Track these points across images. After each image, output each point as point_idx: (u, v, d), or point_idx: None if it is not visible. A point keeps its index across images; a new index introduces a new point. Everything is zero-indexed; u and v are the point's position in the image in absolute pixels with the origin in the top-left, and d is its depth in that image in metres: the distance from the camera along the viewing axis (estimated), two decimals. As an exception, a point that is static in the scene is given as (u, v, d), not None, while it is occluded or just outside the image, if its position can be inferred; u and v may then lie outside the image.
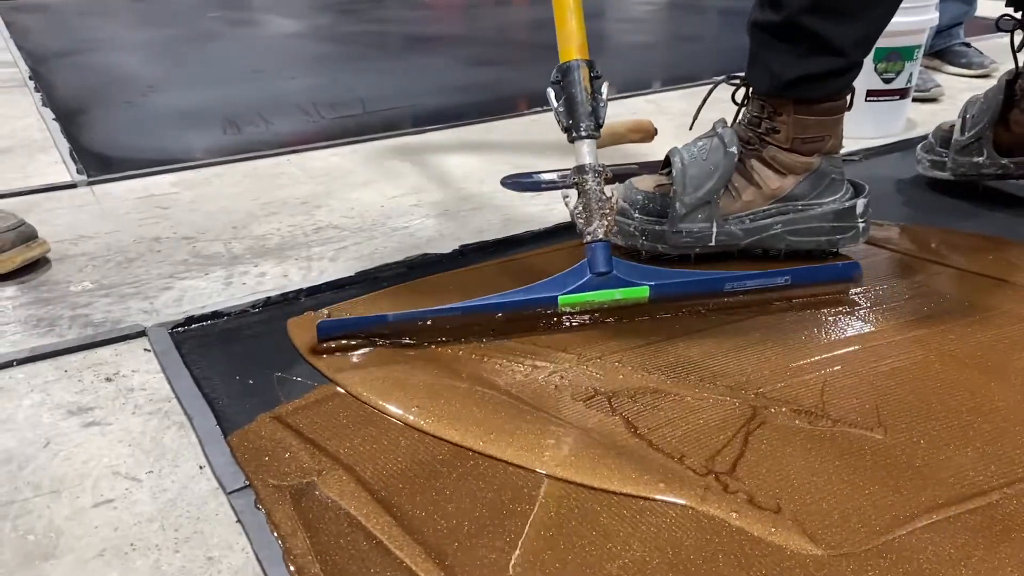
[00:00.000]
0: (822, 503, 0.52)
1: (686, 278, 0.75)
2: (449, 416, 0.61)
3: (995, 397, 0.62)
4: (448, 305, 0.68)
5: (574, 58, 0.74)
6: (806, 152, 0.82)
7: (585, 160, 0.73)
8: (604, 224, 0.72)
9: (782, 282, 0.76)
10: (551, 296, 0.71)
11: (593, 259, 0.71)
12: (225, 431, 0.60)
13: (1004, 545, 0.48)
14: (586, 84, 0.74)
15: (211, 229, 0.96)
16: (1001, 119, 0.97)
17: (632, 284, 0.71)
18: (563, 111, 0.74)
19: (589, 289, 0.71)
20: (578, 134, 0.73)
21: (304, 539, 0.50)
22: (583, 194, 0.73)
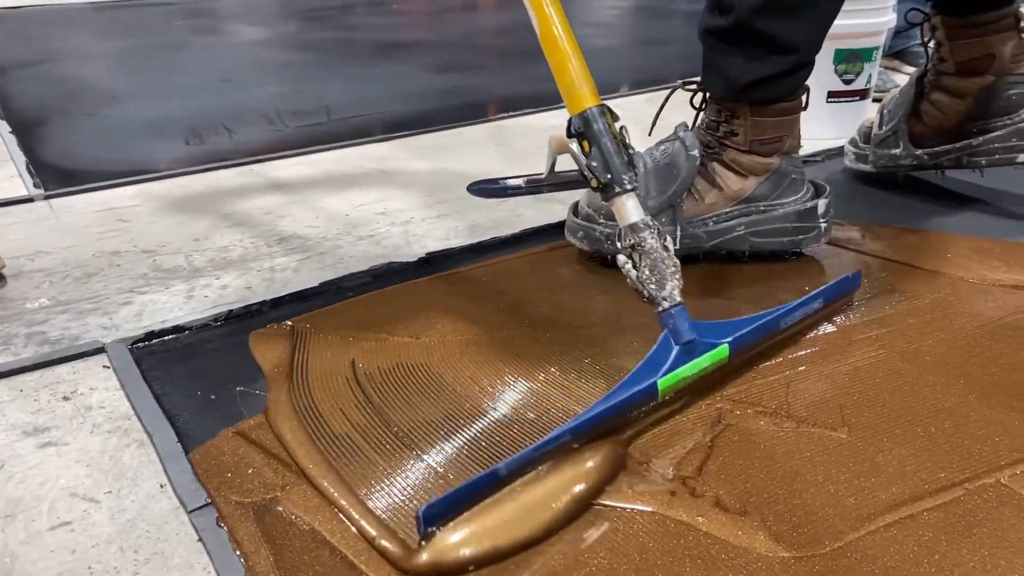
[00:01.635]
0: (787, 504, 0.52)
1: (751, 325, 0.66)
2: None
3: (956, 394, 0.63)
4: (556, 433, 0.54)
5: (593, 105, 0.65)
6: (765, 153, 0.83)
7: (634, 217, 0.64)
8: (676, 283, 0.62)
9: (818, 306, 0.72)
10: (651, 384, 0.59)
11: (676, 328, 0.61)
12: (187, 448, 0.59)
13: (967, 540, 0.49)
14: (614, 131, 0.65)
15: (172, 242, 0.95)
16: (914, 112, 1.00)
17: (713, 345, 0.62)
18: (597, 166, 0.65)
19: (680, 364, 0.61)
20: (621, 188, 0.64)
21: (268, 556, 0.49)
22: (645, 255, 0.63)
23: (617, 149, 0.65)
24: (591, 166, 0.65)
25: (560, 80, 0.67)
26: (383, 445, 0.59)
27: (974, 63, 0.93)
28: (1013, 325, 0.73)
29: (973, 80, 0.94)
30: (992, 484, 0.53)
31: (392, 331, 0.74)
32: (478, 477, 0.51)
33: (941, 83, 0.97)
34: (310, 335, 0.74)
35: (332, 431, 0.60)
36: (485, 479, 0.51)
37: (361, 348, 0.71)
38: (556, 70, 0.67)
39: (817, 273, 0.84)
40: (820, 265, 0.86)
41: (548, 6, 0.67)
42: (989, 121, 0.94)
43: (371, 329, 0.74)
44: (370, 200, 1.06)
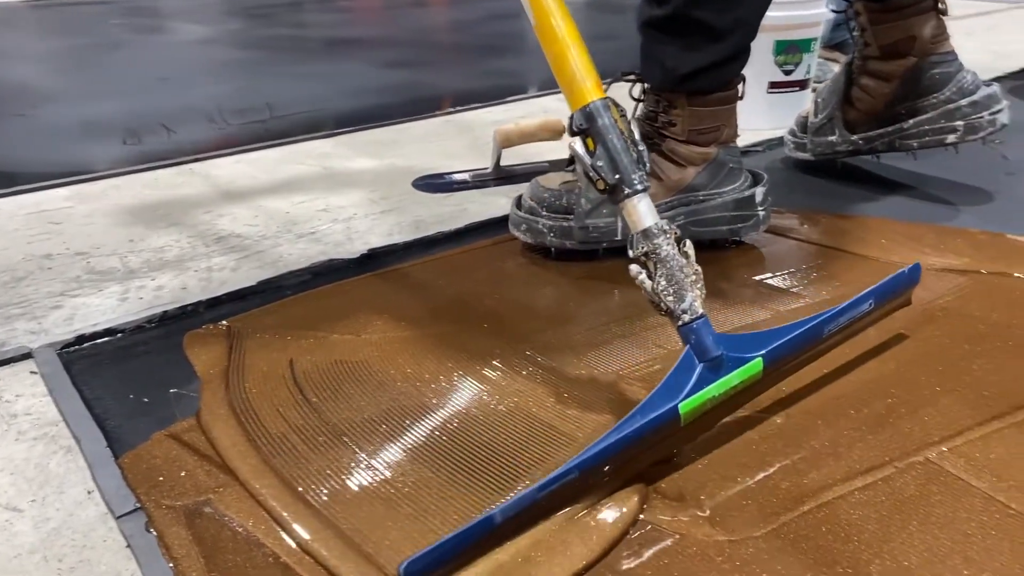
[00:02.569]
0: (724, 488, 0.53)
1: (790, 335, 0.57)
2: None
3: (888, 375, 0.64)
4: (561, 470, 0.48)
5: (596, 98, 0.59)
6: (703, 143, 0.84)
7: (648, 221, 0.57)
8: (699, 293, 0.56)
9: (868, 307, 0.63)
10: (671, 408, 0.52)
11: (700, 344, 0.54)
12: (117, 453, 0.57)
13: (896, 517, 0.50)
14: (622, 126, 0.59)
15: (106, 243, 0.92)
16: (846, 99, 1.03)
17: (743, 360, 0.55)
18: (603, 166, 0.58)
19: (706, 383, 0.53)
20: (632, 190, 0.58)
21: (198, 560, 0.48)
22: (661, 263, 0.56)
23: (625, 146, 0.59)
24: (596, 166, 0.59)
25: (559, 73, 0.61)
26: (320, 444, 0.58)
27: (896, 45, 0.96)
28: (943, 307, 0.74)
29: (897, 62, 0.97)
30: (921, 462, 0.55)
31: (332, 329, 0.73)
32: (469, 525, 0.44)
33: (868, 67, 1.00)
34: (247, 335, 0.72)
35: (268, 431, 0.59)
36: (478, 527, 0.45)
37: (299, 347, 0.70)
38: (554, 62, 0.61)
39: (757, 261, 0.86)
40: (759, 253, 0.87)
41: None
42: (916, 102, 0.97)
43: (310, 327, 0.73)
44: (311, 197, 1.05)
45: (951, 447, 0.56)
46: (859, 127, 1.02)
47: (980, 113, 0.94)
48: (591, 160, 0.59)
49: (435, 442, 0.58)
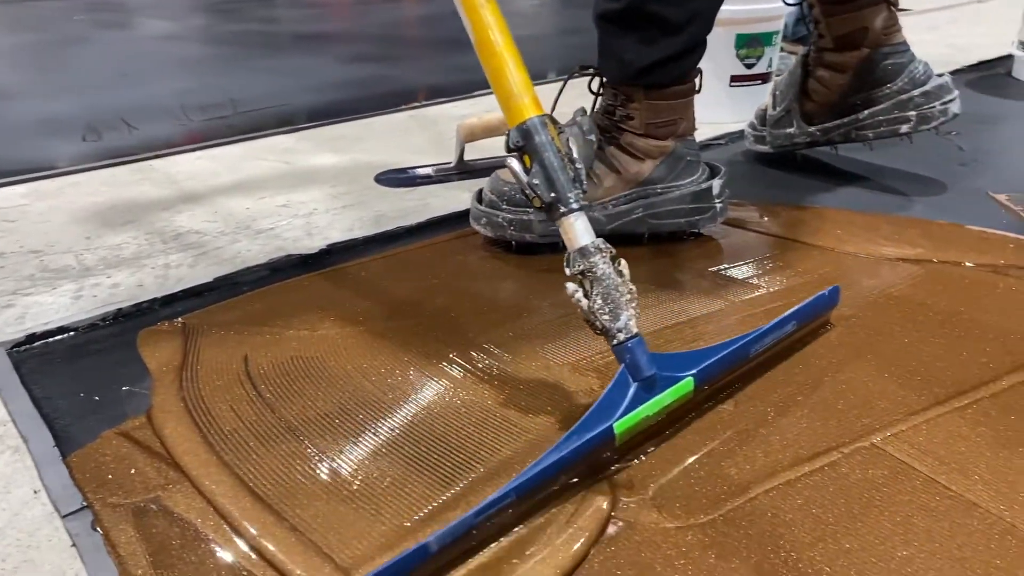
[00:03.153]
0: (672, 476, 0.53)
1: (718, 354, 0.59)
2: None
3: (839, 363, 0.65)
4: (498, 494, 0.47)
5: (534, 115, 0.59)
6: (660, 136, 0.84)
7: (584, 240, 0.57)
8: (634, 312, 0.56)
9: (791, 328, 0.65)
10: (606, 428, 0.52)
11: (634, 363, 0.54)
12: (65, 452, 0.57)
13: (839, 501, 0.51)
14: (558, 144, 0.59)
15: (62, 241, 0.91)
16: (803, 90, 1.04)
17: (676, 379, 0.56)
18: (539, 184, 0.58)
19: (640, 403, 0.54)
20: (568, 208, 0.58)
21: (144, 557, 0.48)
22: (597, 282, 0.56)
23: (562, 164, 0.58)
24: (533, 184, 0.58)
25: (497, 88, 0.61)
26: (273, 440, 0.58)
27: (850, 37, 0.97)
28: (895, 296, 0.76)
29: (851, 54, 0.98)
30: (867, 447, 0.56)
31: (288, 325, 0.73)
32: (402, 555, 0.43)
33: (823, 59, 1.01)
34: (202, 332, 0.72)
35: (220, 428, 0.59)
36: (413, 555, 0.43)
37: (254, 343, 0.70)
38: (492, 77, 0.61)
39: (714, 252, 0.86)
40: (717, 244, 0.88)
41: (483, 8, 0.61)
42: (871, 93, 0.98)
43: (266, 323, 0.73)
44: (272, 193, 1.04)
45: (896, 432, 0.57)
46: (816, 119, 1.03)
47: (932, 103, 0.96)
48: (527, 178, 0.59)
49: (390, 437, 0.58)
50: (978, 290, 0.76)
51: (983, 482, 0.52)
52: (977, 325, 0.70)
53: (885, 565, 0.46)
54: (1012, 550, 0.47)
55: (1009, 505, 0.50)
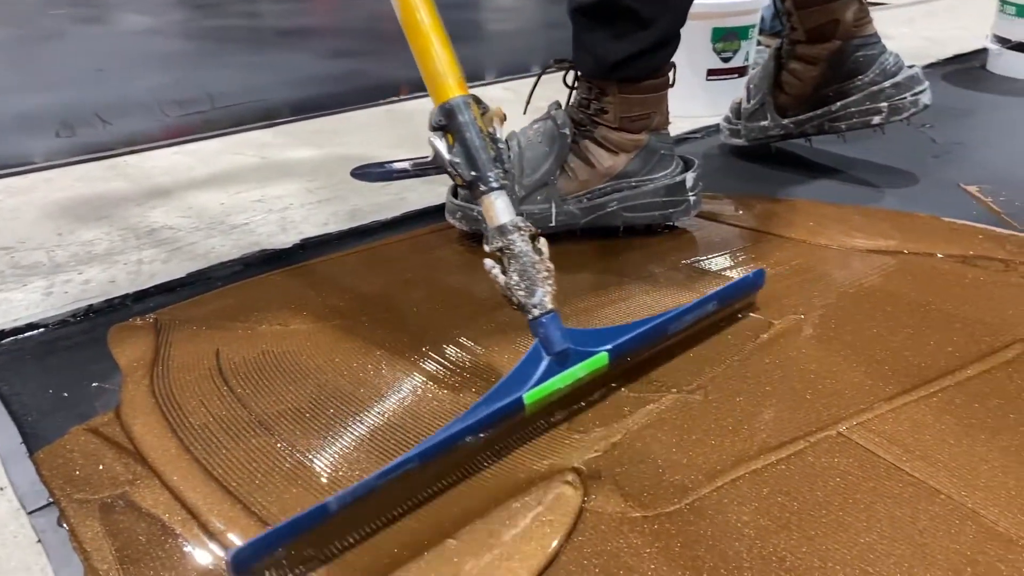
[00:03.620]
0: (640, 465, 0.54)
1: (635, 331, 0.61)
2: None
3: (807, 353, 0.66)
4: (400, 459, 0.48)
5: (456, 95, 0.61)
6: (634, 130, 0.85)
7: (503, 218, 0.59)
8: (548, 289, 0.57)
9: (712, 308, 0.67)
10: (516, 399, 0.54)
11: (548, 336, 0.56)
12: (32, 448, 0.56)
13: (804, 489, 0.51)
14: (480, 124, 0.61)
15: (33, 237, 0.90)
16: (776, 83, 1.05)
17: (589, 353, 0.58)
18: (460, 162, 0.60)
19: (552, 375, 0.56)
20: (487, 187, 0.59)
21: (110, 552, 0.47)
22: (514, 259, 0.57)
23: (483, 144, 0.60)
24: (454, 162, 0.60)
25: (423, 68, 0.62)
26: (243, 434, 0.58)
27: (821, 29, 0.98)
28: (866, 287, 0.76)
29: (823, 46, 0.99)
30: (833, 436, 0.56)
31: (261, 320, 0.72)
32: (303, 513, 0.44)
33: (796, 52, 1.02)
34: (173, 327, 0.71)
35: (190, 422, 0.59)
36: (312, 515, 0.45)
37: (226, 338, 0.69)
38: (419, 57, 0.62)
39: (688, 245, 0.87)
40: (692, 237, 0.89)
41: None
42: (843, 85, 0.99)
43: (239, 319, 0.73)
44: (248, 188, 1.04)
45: (862, 421, 0.57)
46: (790, 111, 1.04)
47: (903, 94, 0.96)
48: (449, 156, 0.60)
49: (361, 432, 0.58)
50: (947, 281, 0.77)
51: (946, 469, 0.53)
52: (945, 315, 0.71)
53: (848, 551, 0.46)
54: (972, 536, 0.47)
55: (971, 492, 0.51)
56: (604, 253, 0.85)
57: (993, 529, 0.48)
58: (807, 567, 0.45)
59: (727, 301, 0.69)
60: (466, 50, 2.12)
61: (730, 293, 0.69)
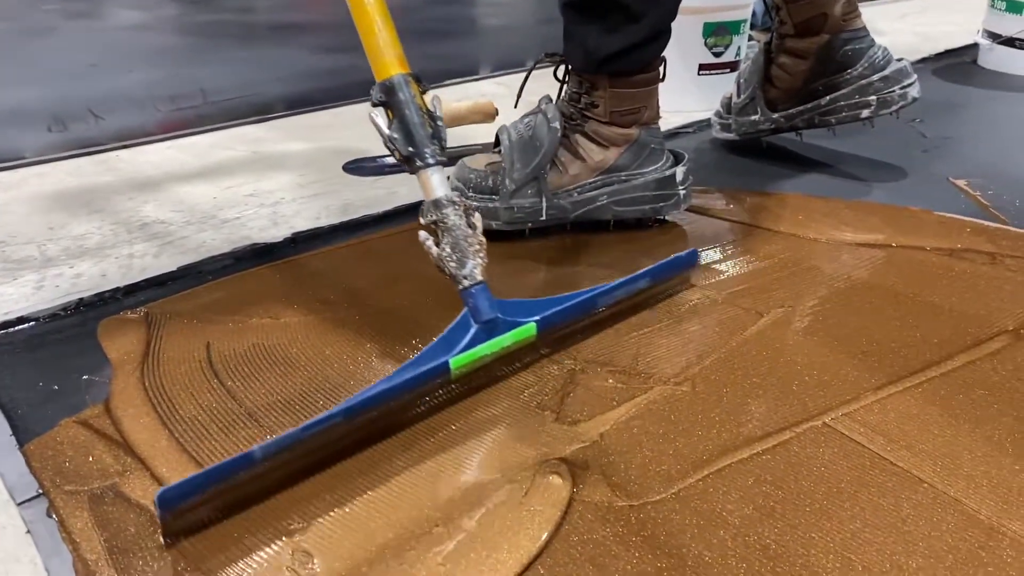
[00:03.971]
0: (627, 456, 0.54)
1: (564, 304, 0.65)
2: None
3: (795, 345, 0.66)
4: (326, 413, 0.52)
5: (397, 73, 0.63)
6: (624, 124, 0.85)
7: (439, 192, 0.62)
8: (479, 261, 0.60)
9: (644, 285, 0.71)
10: (442, 363, 0.57)
11: (477, 306, 0.60)
12: (22, 440, 0.57)
13: (788, 479, 0.52)
14: (420, 102, 0.63)
15: (24, 232, 0.90)
16: (766, 78, 1.05)
17: (518, 324, 0.61)
18: (399, 138, 0.62)
19: (479, 342, 0.59)
20: (424, 163, 0.62)
21: (99, 543, 0.48)
22: (447, 232, 0.60)
23: (421, 121, 0.62)
24: (392, 137, 0.62)
25: (366, 45, 0.64)
26: (232, 426, 0.58)
27: (810, 23, 0.98)
28: (854, 280, 0.77)
29: (811, 40, 0.99)
30: (819, 427, 0.57)
31: (250, 313, 0.73)
32: (228, 460, 0.48)
33: (785, 46, 1.02)
34: (164, 320, 0.71)
35: (180, 415, 0.59)
36: (237, 462, 0.48)
37: (216, 331, 0.70)
38: (363, 34, 0.64)
39: (678, 239, 0.87)
40: (682, 231, 0.89)
41: None
42: (832, 78, 0.99)
43: (228, 312, 0.73)
44: (240, 182, 1.04)
45: (847, 411, 0.58)
46: (780, 105, 1.04)
47: (891, 87, 0.97)
48: (388, 131, 0.62)
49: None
50: (934, 273, 0.77)
51: (930, 459, 0.53)
52: (931, 307, 0.71)
53: (831, 539, 0.47)
54: (955, 524, 0.48)
55: (954, 481, 0.51)
56: (594, 247, 0.85)
57: (975, 517, 0.48)
58: (791, 555, 0.46)
59: (659, 278, 0.73)
60: (458, 45, 2.13)
61: (662, 271, 0.73)
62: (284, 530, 0.48)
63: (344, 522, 0.49)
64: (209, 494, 0.48)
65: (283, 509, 0.50)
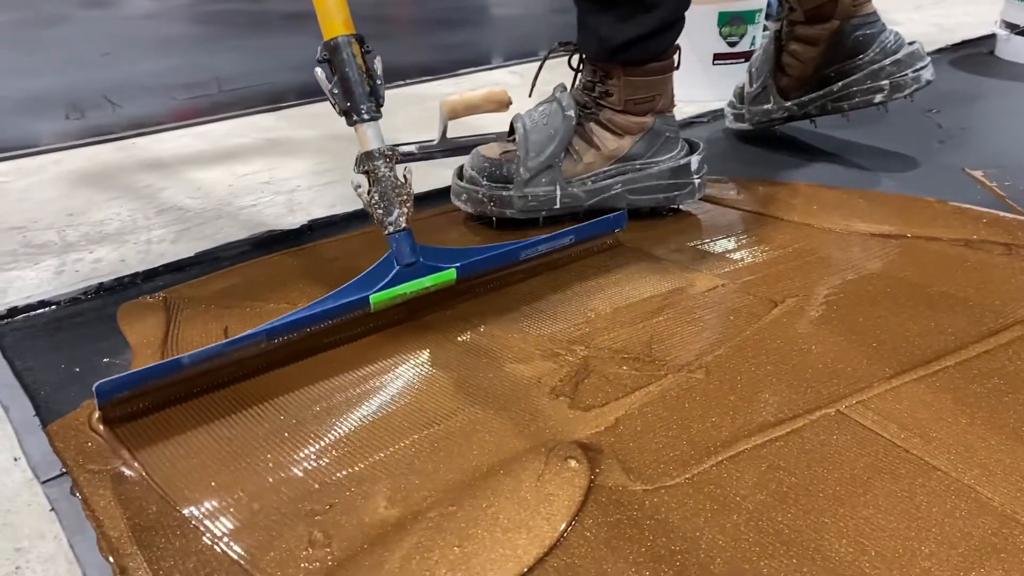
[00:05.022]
0: (642, 441, 0.55)
1: (486, 254, 0.72)
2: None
3: (809, 333, 0.66)
4: (250, 331, 0.59)
5: (341, 34, 0.68)
6: (639, 113, 0.85)
7: (372, 145, 0.68)
8: (405, 211, 0.67)
9: (568, 241, 0.77)
10: (362, 297, 0.64)
11: (399, 250, 0.67)
12: (45, 421, 0.58)
13: (802, 465, 0.52)
14: (360, 62, 0.68)
15: (44, 217, 0.91)
16: (778, 66, 1.05)
17: (439, 268, 0.68)
18: (338, 93, 0.68)
19: (400, 282, 0.66)
20: (359, 118, 0.68)
21: (123, 521, 0.49)
22: (377, 182, 0.67)
23: (360, 79, 0.67)
24: (333, 92, 0.68)
25: (317, 7, 0.69)
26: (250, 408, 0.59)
27: (819, 10, 0.98)
28: (868, 270, 0.77)
29: (822, 26, 0.99)
30: (832, 414, 0.57)
31: (268, 299, 0.73)
32: (159, 363, 0.57)
33: (795, 33, 1.02)
34: (182, 305, 0.72)
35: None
36: (167, 366, 0.56)
37: (234, 316, 0.70)
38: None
39: (693, 227, 0.87)
40: (696, 219, 0.89)
41: None
42: (844, 64, 0.99)
43: (247, 297, 0.74)
44: (255, 170, 1.04)
45: (861, 399, 0.58)
46: (792, 93, 1.04)
47: (904, 71, 0.96)
48: (329, 86, 0.68)
49: (364, 407, 0.59)
50: (950, 264, 0.77)
51: (944, 447, 0.53)
52: (947, 297, 0.71)
53: (845, 525, 0.47)
54: (968, 511, 0.48)
55: (968, 468, 0.51)
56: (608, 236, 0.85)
57: (988, 504, 0.48)
58: (804, 540, 0.46)
59: (583, 237, 0.79)
60: (471, 34, 2.13)
61: (586, 231, 0.79)
62: (305, 511, 0.49)
63: (359, 504, 0.50)
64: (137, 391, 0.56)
65: (307, 488, 0.51)
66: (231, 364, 0.60)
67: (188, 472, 0.52)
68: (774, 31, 1.05)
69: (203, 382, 0.60)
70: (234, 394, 0.60)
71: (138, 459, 0.53)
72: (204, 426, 0.57)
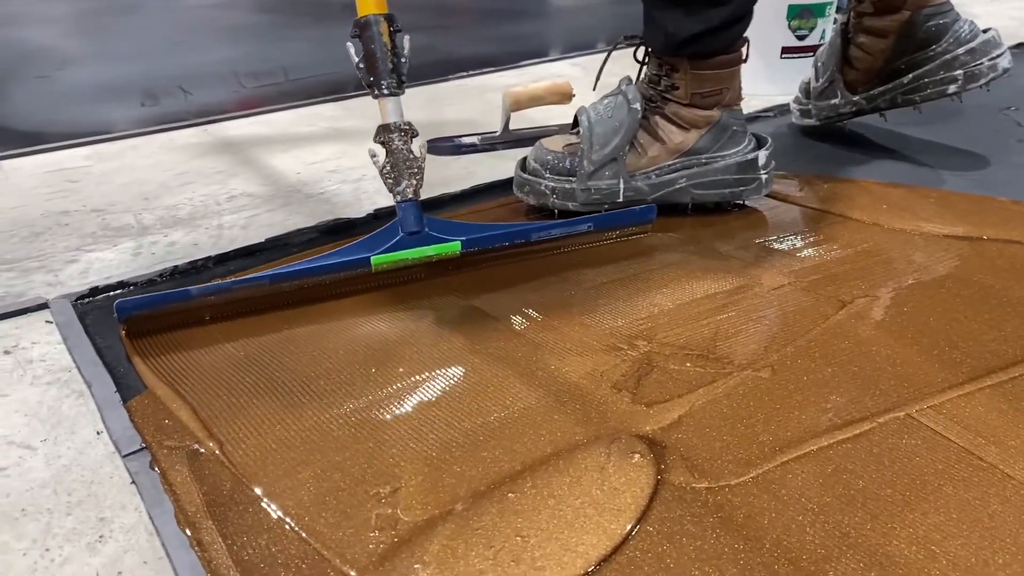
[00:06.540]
0: (706, 439, 0.54)
1: (495, 231, 0.75)
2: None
3: (878, 336, 0.65)
4: (255, 274, 0.68)
5: (372, 12, 0.72)
6: (706, 106, 0.84)
7: (389, 119, 0.72)
8: (413, 183, 0.71)
9: (585, 229, 0.79)
10: (363, 257, 0.70)
11: (404, 218, 0.71)
12: (124, 397, 0.60)
13: (869, 468, 0.51)
14: (386, 39, 0.72)
15: (122, 201, 0.95)
16: (845, 59, 1.02)
17: (443, 240, 0.72)
18: (364, 68, 0.72)
19: (402, 248, 0.71)
20: (380, 92, 0.72)
21: (198, 496, 0.50)
22: (390, 153, 0.71)
23: (384, 56, 0.72)
24: (359, 66, 0.72)
25: None
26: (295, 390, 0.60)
27: (889, 1, 0.95)
28: (940, 272, 0.75)
29: (892, 17, 0.96)
30: (901, 418, 0.56)
31: (335, 284, 0.75)
32: (170, 291, 0.66)
33: (863, 25, 0.99)
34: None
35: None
36: (176, 294, 0.66)
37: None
38: None
39: (759, 224, 0.86)
40: (761, 216, 0.88)
41: None
42: (914, 56, 0.96)
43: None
44: (322, 158, 1.06)
45: (932, 404, 0.57)
46: (860, 87, 1.01)
47: (979, 60, 0.93)
48: (357, 60, 0.72)
49: (429, 392, 0.60)
50: (1027, 267, 0.75)
51: (1019, 455, 0.52)
52: (1022, 303, 0.69)
53: (913, 531, 0.46)
54: (1044, 522, 0.47)
55: (1044, 479, 0.50)
56: (672, 230, 0.85)
57: (1066, 516, 0.47)
58: (871, 544, 0.46)
59: (605, 227, 0.81)
60: (531, 26, 2.13)
61: (609, 220, 0.81)
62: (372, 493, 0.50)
63: (423, 487, 0.51)
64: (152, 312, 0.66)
65: (374, 470, 0.52)
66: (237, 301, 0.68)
67: (260, 452, 0.54)
68: (840, 24, 1.02)
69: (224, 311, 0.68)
70: (302, 376, 0.62)
71: (213, 438, 0.55)
72: (275, 410, 0.58)
